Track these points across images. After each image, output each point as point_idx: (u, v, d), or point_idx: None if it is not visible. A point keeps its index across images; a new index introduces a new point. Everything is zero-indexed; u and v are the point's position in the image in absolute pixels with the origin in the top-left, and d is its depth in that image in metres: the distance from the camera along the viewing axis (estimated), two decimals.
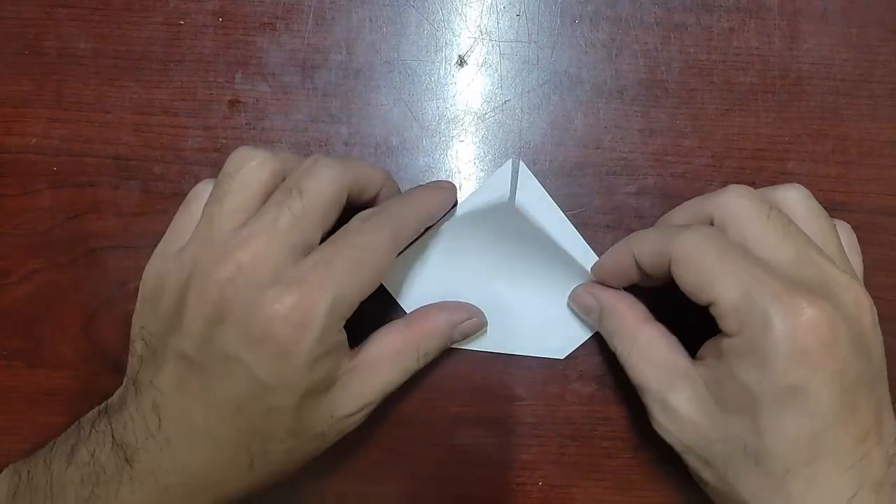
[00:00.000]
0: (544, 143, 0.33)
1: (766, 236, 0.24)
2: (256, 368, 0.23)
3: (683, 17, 0.33)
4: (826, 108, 0.33)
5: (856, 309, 0.23)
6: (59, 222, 0.32)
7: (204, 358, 0.23)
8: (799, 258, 0.24)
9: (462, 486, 0.32)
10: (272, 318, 0.22)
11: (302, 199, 0.24)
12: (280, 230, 0.24)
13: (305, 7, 0.33)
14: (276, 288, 0.23)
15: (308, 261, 0.24)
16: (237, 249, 0.23)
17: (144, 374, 0.25)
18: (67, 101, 0.32)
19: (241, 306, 0.23)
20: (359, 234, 0.25)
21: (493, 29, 0.33)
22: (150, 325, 0.25)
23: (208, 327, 0.23)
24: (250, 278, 0.23)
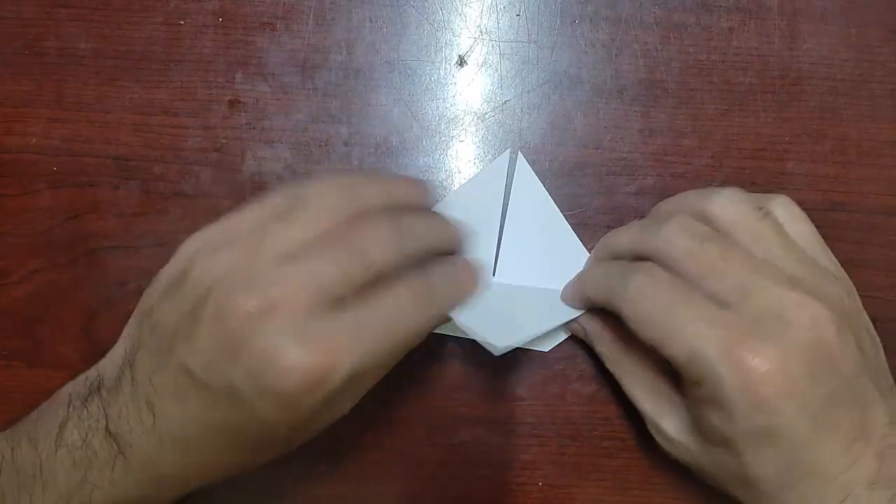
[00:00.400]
0: (544, 143, 0.33)
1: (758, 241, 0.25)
2: (260, 410, 0.22)
3: (683, 17, 0.33)
4: (825, 108, 0.33)
5: (812, 332, 0.23)
6: (59, 222, 0.32)
7: (208, 380, 0.22)
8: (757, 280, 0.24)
9: (462, 486, 0.32)
10: (287, 374, 0.21)
11: (361, 261, 0.23)
12: (324, 283, 0.22)
13: (305, 7, 0.33)
14: (299, 344, 0.22)
15: (340, 320, 0.22)
16: (274, 284, 0.22)
17: (144, 363, 0.24)
18: (67, 101, 0.32)
19: (259, 349, 0.22)
20: (401, 305, 0.24)
21: (493, 29, 0.33)
22: (160, 312, 0.24)
23: (220, 354, 0.22)
24: (277, 322, 0.22)
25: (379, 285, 0.23)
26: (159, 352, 0.24)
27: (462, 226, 0.28)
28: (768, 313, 0.23)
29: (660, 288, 0.25)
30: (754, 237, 0.25)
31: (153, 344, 0.24)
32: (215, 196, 0.32)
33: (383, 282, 0.23)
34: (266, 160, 0.32)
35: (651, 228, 0.26)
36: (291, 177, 0.32)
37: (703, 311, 0.24)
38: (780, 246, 0.25)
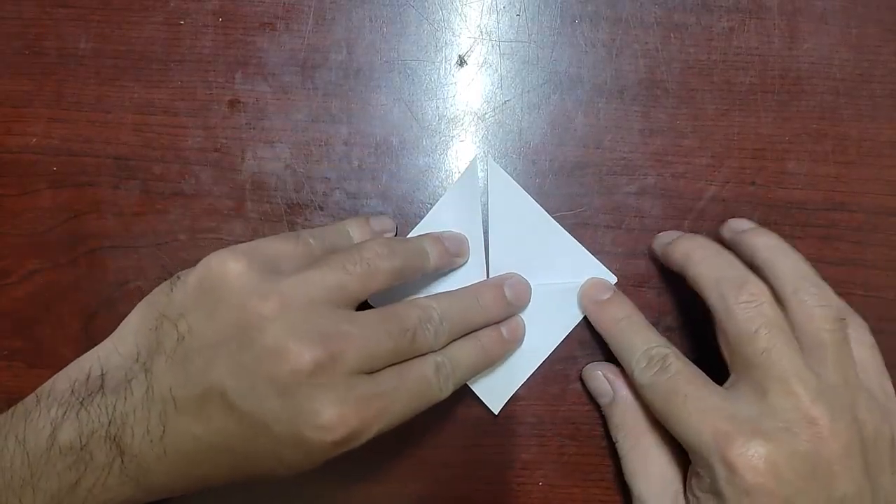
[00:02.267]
0: (544, 143, 0.33)
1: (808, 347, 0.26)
2: (282, 451, 0.23)
3: (683, 17, 0.33)
4: (826, 108, 0.33)
5: (811, 444, 0.23)
6: (59, 222, 0.32)
7: (243, 407, 0.22)
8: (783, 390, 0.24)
9: (462, 486, 0.32)
10: (323, 432, 0.23)
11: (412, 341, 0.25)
12: (376, 352, 0.24)
13: (305, 7, 0.33)
14: (342, 407, 0.23)
15: (376, 385, 0.24)
16: (334, 342, 0.23)
17: (165, 372, 0.23)
18: (67, 101, 0.32)
19: (306, 400, 0.23)
20: (427, 386, 0.26)
21: (493, 29, 0.33)
22: (195, 323, 0.24)
23: (265, 389, 0.22)
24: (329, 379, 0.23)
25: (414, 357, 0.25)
26: (187, 366, 0.23)
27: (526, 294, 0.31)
28: (778, 416, 0.24)
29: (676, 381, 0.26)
30: (815, 344, 0.25)
31: (180, 354, 0.23)
32: (215, 196, 0.32)
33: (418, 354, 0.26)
34: (266, 160, 0.32)
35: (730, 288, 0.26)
36: (291, 177, 0.32)
37: (712, 401, 0.25)
38: (834, 361, 0.25)
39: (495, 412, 0.31)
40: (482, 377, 0.31)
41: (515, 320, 0.30)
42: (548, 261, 0.31)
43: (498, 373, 0.31)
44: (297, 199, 0.32)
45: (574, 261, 0.31)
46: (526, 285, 0.31)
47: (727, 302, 0.26)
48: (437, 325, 0.26)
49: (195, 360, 0.23)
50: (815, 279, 0.27)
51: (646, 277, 0.32)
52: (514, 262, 0.31)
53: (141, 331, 0.25)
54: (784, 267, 0.27)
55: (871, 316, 0.32)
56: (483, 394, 0.31)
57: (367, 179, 0.32)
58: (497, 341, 0.29)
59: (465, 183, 0.32)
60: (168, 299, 0.25)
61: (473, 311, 0.28)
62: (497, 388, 0.31)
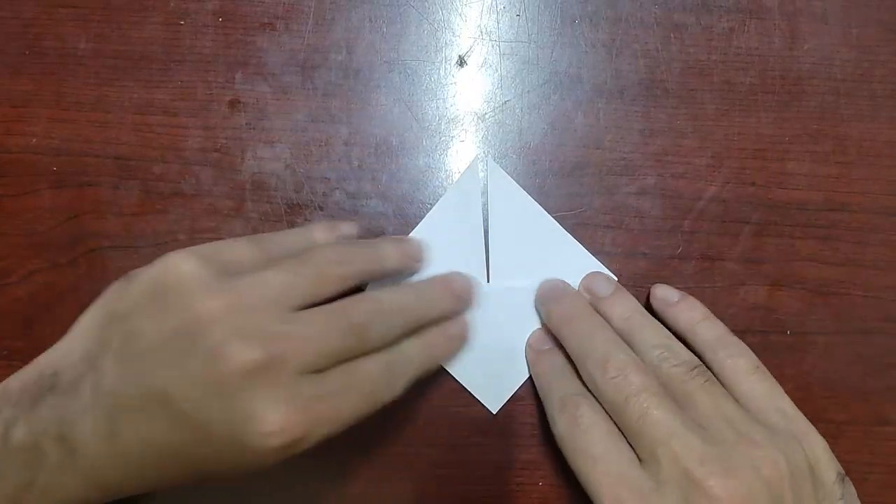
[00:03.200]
0: (544, 143, 0.33)
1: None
2: (226, 455, 0.23)
3: (683, 17, 0.33)
4: (826, 108, 0.33)
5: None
6: (59, 222, 0.32)
7: (186, 410, 0.22)
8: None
9: (462, 486, 0.32)
10: (266, 436, 0.22)
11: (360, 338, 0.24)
12: (323, 351, 0.23)
13: (305, 7, 0.33)
14: (285, 410, 0.22)
15: (322, 385, 0.23)
16: (275, 342, 0.22)
17: (112, 372, 0.23)
18: (67, 101, 0.32)
19: (246, 404, 0.22)
20: (376, 385, 0.25)
21: (493, 29, 0.33)
22: (142, 322, 0.23)
23: (206, 393, 0.22)
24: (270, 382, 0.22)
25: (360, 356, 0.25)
26: (133, 365, 0.23)
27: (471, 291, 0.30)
28: (672, 484, 0.24)
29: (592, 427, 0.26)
30: (685, 397, 0.26)
31: (127, 354, 0.23)
32: (215, 196, 0.32)
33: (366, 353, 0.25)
34: (266, 160, 0.32)
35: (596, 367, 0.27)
36: (291, 177, 0.32)
37: (618, 466, 0.25)
38: (710, 408, 0.25)
39: (493, 412, 0.31)
40: (481, 377, 0.31)
41: (462, 319, 0.30)
42: (548, 261, 0.31)
43: (497, 373, 0.31)
44: (297, 199, 0.32)
45: (574, 261, 0.32)
46: (469, 284, 0.30)
47: (595, 381, 0.27)
48: (389, 320, 0.25)
49: (141, 360, 0.23)
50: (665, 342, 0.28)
51: (646, 277, 0.32)
52: (514, 262, 0.31)
53: (91, 329, 0.25)
54: (640, 341, 0.28)
55: (871, 316, 0.32)
56: (481, 394, 0.31)
57: (367, 179, 0.32)
58: (445, 340, 0.29)
59: (466, 183, 0.32)
60: (119, 298, 0.25)
61: (425, 307, 0.28)
62: (495, 388, 0.31)
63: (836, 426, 0.32)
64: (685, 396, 0.26)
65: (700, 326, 0.29)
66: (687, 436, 0.24)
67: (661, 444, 0.24)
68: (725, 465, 0.24)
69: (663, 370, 0.27)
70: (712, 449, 0.24)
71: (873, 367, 0.33)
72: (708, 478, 0.23)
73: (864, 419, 0.32)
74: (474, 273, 0.31)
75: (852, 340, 0.32)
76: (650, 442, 0.24)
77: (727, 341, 0.28)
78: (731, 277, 0.32)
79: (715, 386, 0.26)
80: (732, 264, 0.32)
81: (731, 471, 0.23)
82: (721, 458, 0.24)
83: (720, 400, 0.26)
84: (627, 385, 0.25)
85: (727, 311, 0.32)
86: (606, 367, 0.26)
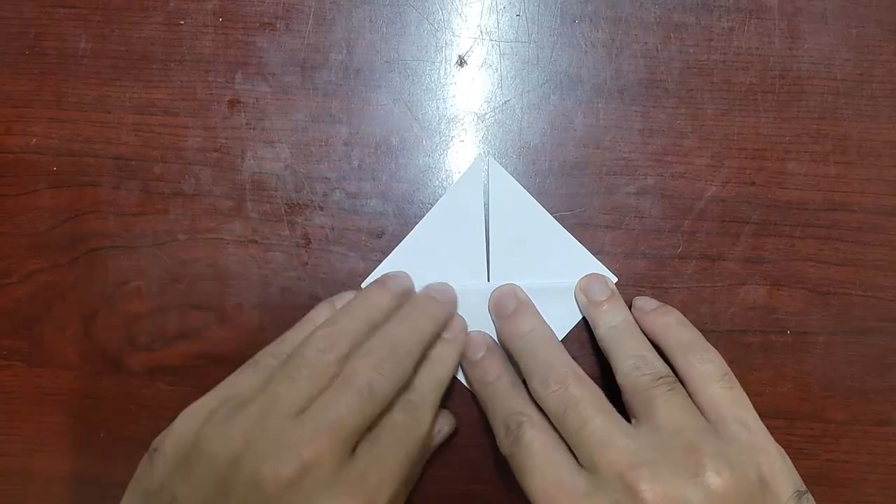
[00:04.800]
0: (544, 143, 0.33)
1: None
2: None
3: (683, 17, 0.33)
4: (826, 108, 0.33)
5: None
6: (59, 222, 0.32)
7: None
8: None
9: (462, 486, 0.32)
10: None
11: (371, 400, 0.24)
12: (346, 431, 0.24)
13: (305, 7, 0.33)
14: (341, 496, 0.23)
15: (361, 462, 0.24)
16: (302, 446, 0.23)
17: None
18: (67, 101, 0.32)
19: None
20: (405, 429, 0.26)
21: (493, 29, 0.33)
22: (177, 490, 0.24)
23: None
24: (313, 481, 0.23)
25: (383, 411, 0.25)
26: None
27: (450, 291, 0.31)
28: (608, 489, 0.24)
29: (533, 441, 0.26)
30: (645, 405, 0.26)
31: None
32: (215, 196, 0.32)
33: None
34: (266, 160, 0.32)
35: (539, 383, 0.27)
36: (291, 177, 0.32)
37: (556, 472, 0.25)
38: (665, 417, 0.25)
39: None
40: None
41: (455, 320, 0.30)
42: (548, 260, 0.31)
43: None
44: (297, 199, 0.32)
45: (574, 261, 0.32)
46: (446, 286, 0.31)
47: (539, 395, 0.27)
48: (391, 367, 0.26)
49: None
50: (641, 353, 0.28)
51: (645, 277, 0.32)
52: (514, 262, 0.31)
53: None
54: (618, 350, 0.28)
55: (871, 316, 0.33)
56: None
57: (367, 179, 0.32)
58: (448, 349, 0.29)
59: (467, 182, 0.32)
60: (150, 474, 0.25)
61: (418, 333, 0.28)
62: None
63: (835, 426, 0.32)
64: (645, 404, 0.26)
65: (673, 331, 0.29)
66: (624, 441, 0.24)
67: (598, 452, 0.24)
68: (659, 470, 0.24)
69: (631, 378, 0.27)
70: (650, 454, 0.24)
71: (873, 367, 0.33)
72: (639, 482, 0.23)
73: (864, 419, 0.32)
74: (474, 272, 0.31)
75: (852, 340, 0.32)
76: (589, 450, 0.25)
77: (697, 346, 0.28)
78: (731, 277, 0.32)
79: (676, 396, 0.26)
80: (732, 264, 0.32)
81: (662, 476, 0.23)
82: (657, 463, 0.24)
83: (676, 410, 0.26)
84: (568, 397, 0.26)
85: (727, 311, 0.32)
86: (548, 381, 0.26)
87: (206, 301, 0.32)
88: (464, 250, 0.31)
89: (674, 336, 0.29)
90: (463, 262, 0.31)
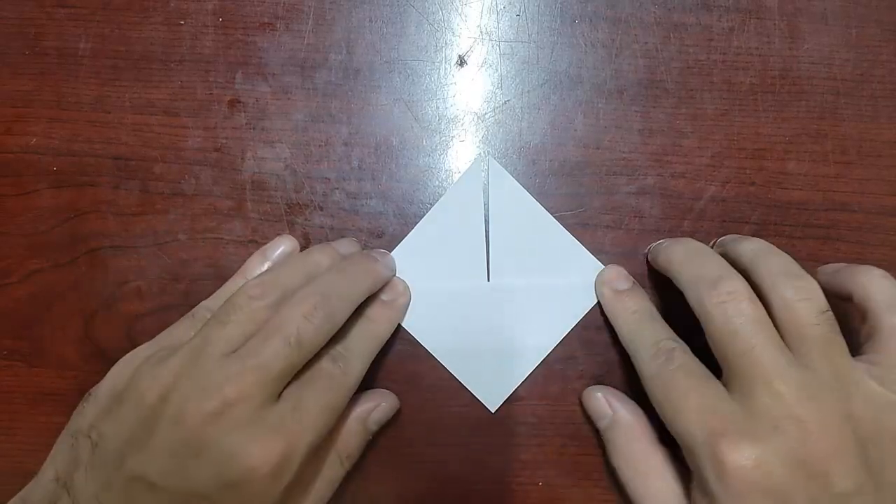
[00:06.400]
0: (544, 143, 0.33)
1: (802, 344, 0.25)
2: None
3: (683, 17, 0.33)
4: (826, 108, 0.33)
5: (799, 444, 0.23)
6: (59, 222, 0.32)
7: (168, 485, 0.23)
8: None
9: (462, 486, 0.32)
10: (253, 465, 0.23)
11: (299, 347, 0.25)
12: (271, 375, 0.24)
13: (305, 7, 0.33)
14: (259, 439, 0.23)
15: (285, 405, 0.24)
16: (226, 384, 0.23)
17: (86, 483, 0.24)
18: (67, 101, 0.32)
19: (221, 447, 0.23)
20: (332, 378, 0.26)
21: (493, 29, 0.33)
22: (104, 427, 0.24)
23: (180, 458, 0.23)
24: (234, 418, 0.23)
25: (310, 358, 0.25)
26: (104, 467, 0.24)
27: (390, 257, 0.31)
28: (766, 415, 0.24)
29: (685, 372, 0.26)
30: (799, 339, 0.25)
31: (96, 461, 0.24)
32: (215, 196, 0.32)
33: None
34: (266, 160, 0.32)
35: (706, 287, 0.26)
36: (291, 177, 0.32)
37: (710, 400, 0.24)
38: (821, 355, 0.25)
39: (492, 411, 0.31)
40: (480, 376, 0.31)
41: (396, 283, 0.31)
42: (548, 260, 0.31)
43: (496, 371, 0.31)
44: (297, 199, 0.32)
45: (574, 260, 0.32)
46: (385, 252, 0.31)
47: (704, 303, 0.26)
48: (320, 321, 0.25)
49: (111, 460, 0.24)
50: (798, 273, 0.26)
51: (646, 277, 0.32)
52: (514, 261, 0.31)
53: (59, 455, 0.26)
54: (765, 265, 0.27)
55: None
56: (480, 393, 0.31)
57: (367, 179, 0.32)
58: (381, 309, 0.30)
59: (467, 182, 0.32)
60: (81, 417, 0.26)
61: (349, 286, 0.28)
62: (495, 386, 0.31)
63: None
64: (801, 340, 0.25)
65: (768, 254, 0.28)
66: (790, 373, 0.24)
67: (762, 381, 0.24)
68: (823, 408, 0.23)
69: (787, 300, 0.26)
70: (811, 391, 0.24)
71: None
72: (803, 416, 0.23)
73: None
74: (474, 271, 0.31)
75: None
76: (750, 376, 0.24)
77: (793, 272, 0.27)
78: None
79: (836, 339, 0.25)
80: None
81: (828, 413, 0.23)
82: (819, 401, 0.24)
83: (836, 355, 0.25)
84: (738, 314, 0.25)
85: None
86: (717, 288, 0.25)
87: None
88: (464, 250, 0.31)
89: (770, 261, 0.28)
90: (463, 261, 0.31)
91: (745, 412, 0.24)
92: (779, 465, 0.23)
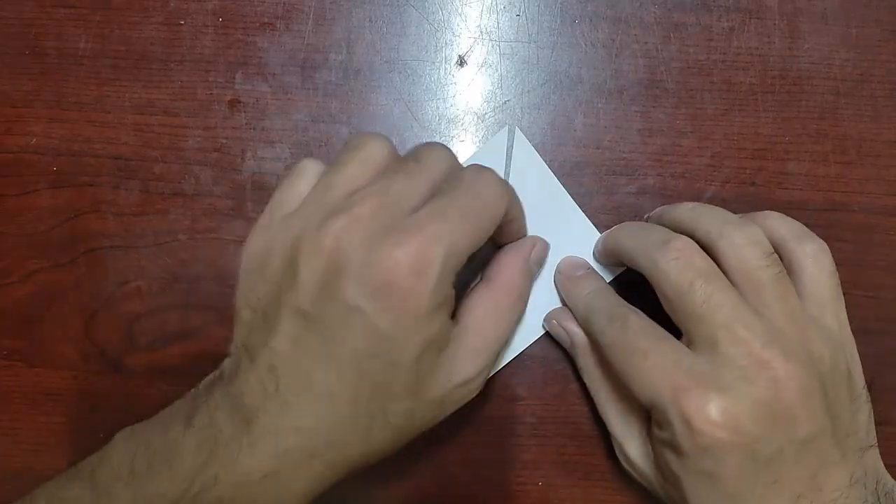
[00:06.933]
0: (544, 143, 0.33)
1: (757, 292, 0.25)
2: (378, 318, 0.22)
3: (683, 17, 0.33)
4: (826, 108, 0.33)
5: (768, 391, 0.23)
6: (59, 222, 0.32)
7: (322, 311, 0.22)
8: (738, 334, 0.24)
9: (463, 486, 0.32)
10: (393, 266, 0.22)
11: (419, 165, 0.24)
12: (395, 190, 0.23)
13: (305, 7, 0.33)
14: (394, 236, 0.22)
15: (422, 212, 0.23)
16: (353, 206, 0.23)
17: (256, 338, 0.24)
18: (67, 101, 0.32)
19: (359, 255, 0.22)
20: (472, 185, 0.24)
21: (493, 29, 0.33)
22: (257, 290, 0.24)
23: (326, 278, 0.22)
24: (366, 228, 0.22)
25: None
26: (267, 318, 0.23)
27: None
28: (732, 365, 0.23)
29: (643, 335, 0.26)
30: (752, 284, 0.25)
31: (259, 318, 0.24)
32: (215, 196, 0.32)
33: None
34: (266, 160, 0.32)
35: (656, 249, 0.26)
36: None
37: (672, 357, 0.24)
38: (775, 298, 0.25)
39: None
40: None
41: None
42: (557, 236, 0.31)
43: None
44: None
45: (582, 239, 0.31)
46: None
47: (657, 263, 0.26)
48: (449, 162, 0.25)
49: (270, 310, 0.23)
50: (739, 221, 0.26)
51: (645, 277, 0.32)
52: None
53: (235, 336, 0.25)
54: (706, 219, 0.27)
55: (871, 316, 0.33)
56: None
57: None
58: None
59: (491, 148, 0.32)
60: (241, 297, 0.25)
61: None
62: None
63: None
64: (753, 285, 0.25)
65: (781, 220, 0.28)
66: (750, 318, 0.24)
67: (725, 329, 0.24)
68: (787, 350, 0.23)
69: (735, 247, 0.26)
70: (774, 334, 0.24)
71: (873, 367, 0.33)
72: (770, 360, 0.23)
73: None
74: None
75: None
76: (711, 327, 0.24)
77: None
78: None
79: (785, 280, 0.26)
80: None
81: (792, 355, 0.23)
82: (782, 343, 0.24)
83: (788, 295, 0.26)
84: (690, 268, 0.25)
85: None
86: (667, 247, 0.25)
87: (206, 301, 0.32)
88: None
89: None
90: None
91: (709, 364, 0.24)
92: (747, 415, 0.23)
